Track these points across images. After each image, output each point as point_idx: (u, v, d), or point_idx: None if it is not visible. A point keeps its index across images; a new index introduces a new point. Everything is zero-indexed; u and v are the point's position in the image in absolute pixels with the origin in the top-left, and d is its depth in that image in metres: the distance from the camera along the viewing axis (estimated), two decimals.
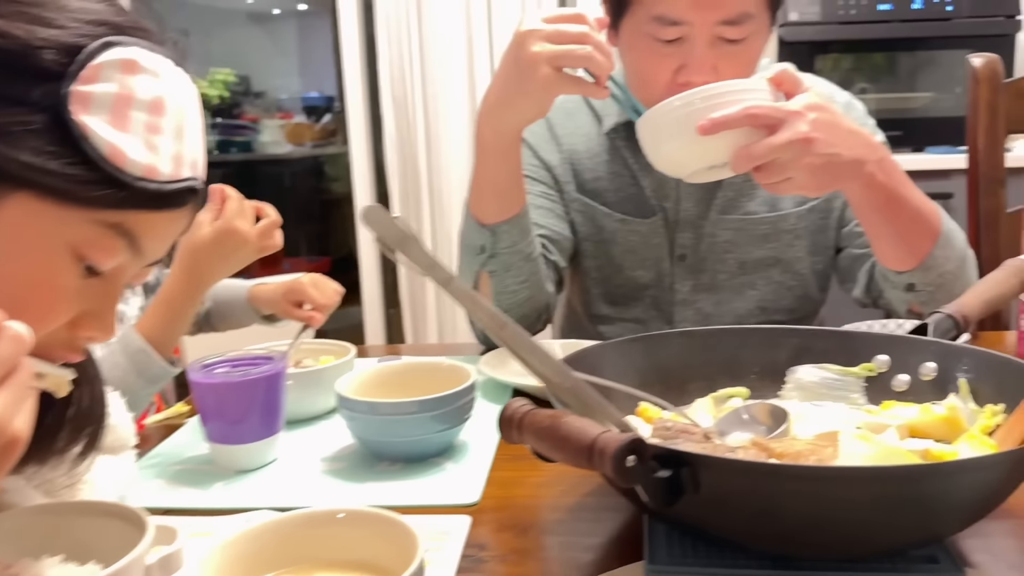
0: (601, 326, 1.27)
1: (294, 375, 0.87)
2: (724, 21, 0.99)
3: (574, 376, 0.53)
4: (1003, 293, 0.81)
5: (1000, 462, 0.52)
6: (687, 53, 1.01)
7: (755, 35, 1.02)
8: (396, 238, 0.47)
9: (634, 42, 1.05)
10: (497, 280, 1.09)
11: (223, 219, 0.90)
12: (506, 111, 0.98)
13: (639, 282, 1.22)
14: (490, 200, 1.07)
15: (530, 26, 0.92)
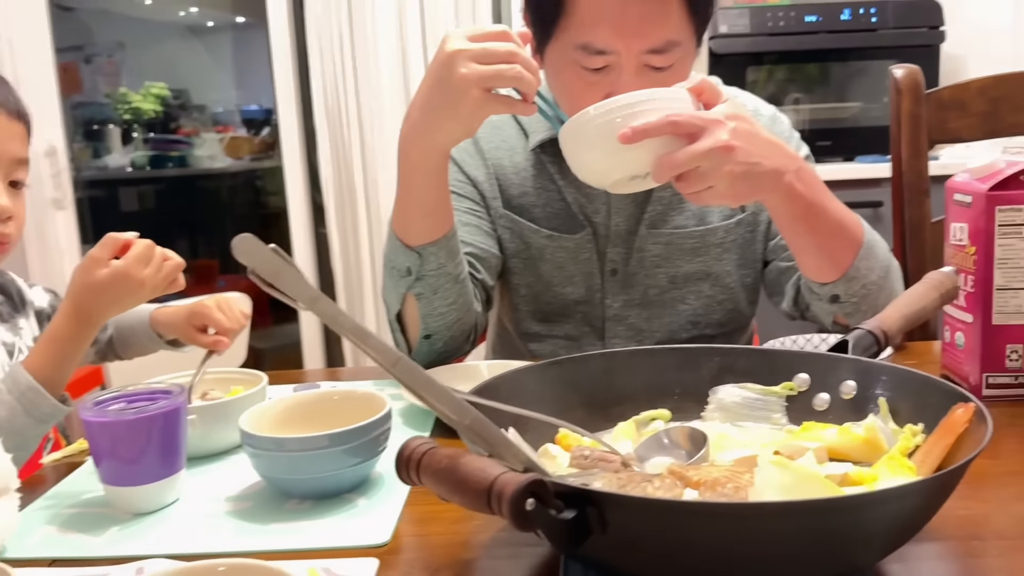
0: (532, 344, 1.24)
1: (198, 409, 0.83)
2: (650, 50, 0.99)
3: (474, 413, 0.50)
4: (924, 307, 0.81)
5: (917, 490, 0.51)
6: (614, 81, 1.00)
7: (682, 61, 1.02)
8: (272, 270, 0.43)
9: (560, 69, 1.04)
10: (424, 303, 1.05)
11: (123, 262, 0.86)
12: (434, 132, 0.95)
13: (569, 298, 1.20)
14: (417, 221, 1.03)
15: (456, 46, 0.89)
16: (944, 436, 0.59)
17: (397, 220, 1.05)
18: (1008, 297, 0.86)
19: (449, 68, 0.88)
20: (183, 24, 4.73)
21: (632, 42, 0.98)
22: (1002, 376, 0.87)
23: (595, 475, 0.63)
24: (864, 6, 2.40)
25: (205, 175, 4.37)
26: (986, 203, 0.85)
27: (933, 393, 0.64)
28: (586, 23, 0.99)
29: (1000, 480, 0.71)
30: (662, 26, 0.99)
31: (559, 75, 1.05)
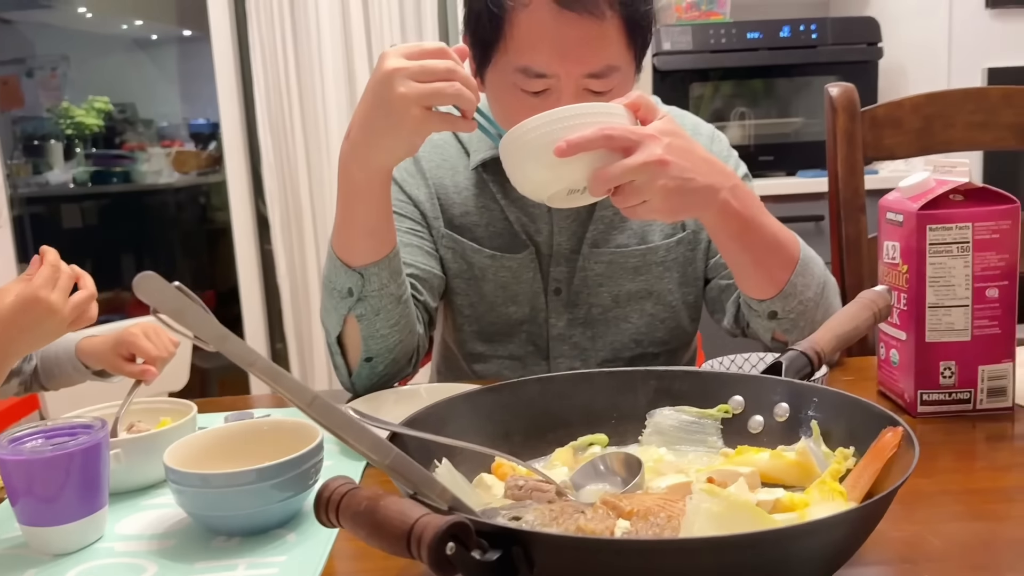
0: (476, 364, 1.23)
1: (122, 442, 0.80)
2: (590, 74, 0.99)
3: (394, 451, 0.48)
4: (857, 327, 0.81)
5: (845, 521, 0.50)
6: (554, 104, 0.98)
7: (621, 85, 1.03)
8: (176, 309, 0.41)
9: (500, 92, 1.04)
10: (366, 324, 1.03)
11: (29, 286, 0.82)
12: (375, 151, 0.93)
13: (513, 318, 1.19)
14: (359, 241, 1.01)
15: (394, 64, 0.87)
16: (874, 460, 0.60)
17: (338, 240, 1.02)
18: (940, 315, 0.87)
19: (388, 87, 0.87)
20: (128, 37, 4.64)
21: (571, 66, 0.99)
22: (936, 393, 0.89)
23: (528, 507, 0.61)
24: (804, 23, 2.45)
25: (150, 191, 4.29)
26: (917, 222, 0.86)
27: (863, 416, 0.64)
28: (525, 46, 0.99)
29: (933, 500, 0.71)
30: (601, 50, 0.99)
31: (499, 98, 1.05)
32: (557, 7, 0.98)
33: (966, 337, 0.87)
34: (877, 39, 2.48)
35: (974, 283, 0.86)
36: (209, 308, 1.00)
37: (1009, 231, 0.86)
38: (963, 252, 0.86)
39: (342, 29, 2.67)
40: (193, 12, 4.06)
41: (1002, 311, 0.87)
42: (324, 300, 1.07)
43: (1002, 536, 0.66)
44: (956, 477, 0.76)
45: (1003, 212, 0.86)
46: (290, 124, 2.71)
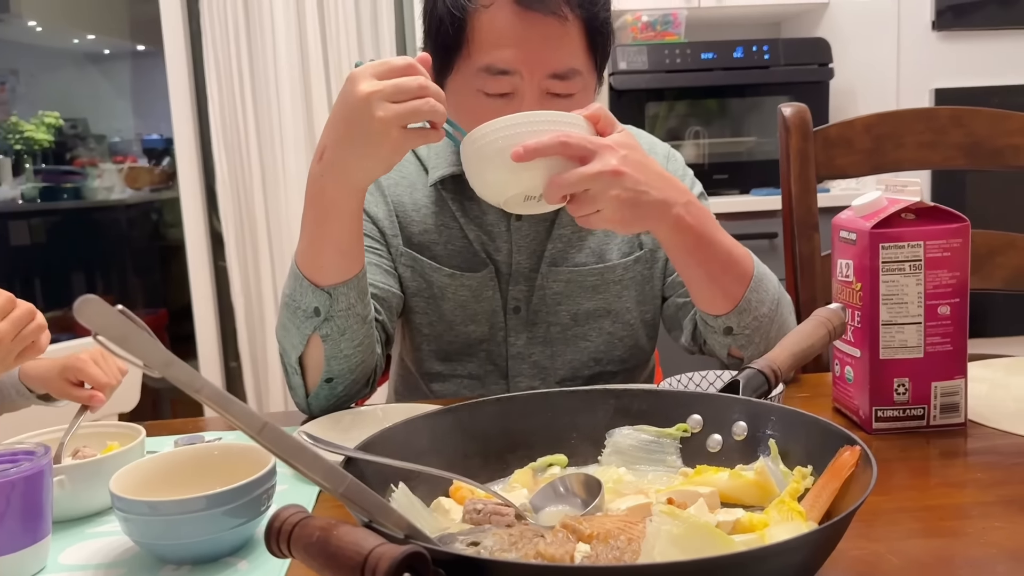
0: (435, 384, 1.22)
1: (67, 469, 0.77)
2: (553, 74, 1.01)
3: (348, 479, 0.47)
4: (812, 344, 0.82)
5: (804, 544, 0.50)
6: (517, 108, 1.00)
7: (583, 93, 1.04)
8: (120, 335, 0.40)
9: (463, 98, 1.05)
10: (331, 345, 1.01)
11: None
12: (352, 171, 0.92)
13: (472, 337, 1.18)
14: (330, 260, 0.99)
15: (368, 87, 0.86)
16: (832, 480, 0.60)
17: (305, 259, 1.00)
18: (894, 332, 0.88)
19: (365, 111, 0.86)
20: (79, 51, 4.56)
21: (534, 64, 1.00)
22: (890, 409, 0.89)
23: (487, 531, 0.60)
24: (756, 44, 2.49)
25: (101, 207, 4.21)
26: (870, 240, 0.87)
27: (820, 434, 0.64)
28: (487, 46, 1.01)
29: (891, 518, 0.72)
30: (562, 50, 1.01)
31: (462, 104, 1.06)
32: (519, 7, 0.99)
33: (919, 354, 0.88)
34: (828, 60, 2.54)
35: (926, 300, 0.88)
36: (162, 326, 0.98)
37: (960, 249, 0.87)
38: (915, 270, 0.87)
39: (298, 45, 2.65)
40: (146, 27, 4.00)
41: (954, 328, 0.89)
42: (285, 320, 1.04)
43: (959, 554, 0.66)
44: (912, 494, 0.77)
45: (954, 231, 0.87)
46: (245, 140, 2.68)
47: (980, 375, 1.06)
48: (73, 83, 4.52)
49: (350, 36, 2.66)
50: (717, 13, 2.79)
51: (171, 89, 2.77)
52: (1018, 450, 0.85)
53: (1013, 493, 0.74)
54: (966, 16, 2.42)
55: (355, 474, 0.59)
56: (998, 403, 0.97)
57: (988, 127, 1.36)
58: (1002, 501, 0.73)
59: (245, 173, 2.70)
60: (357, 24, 2.68)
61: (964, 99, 2.38)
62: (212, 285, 2.88)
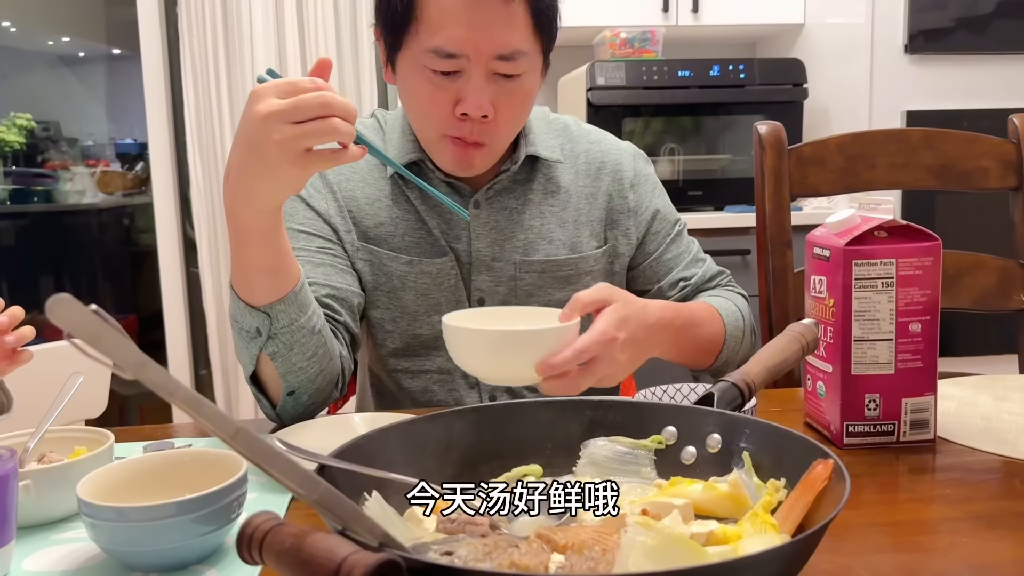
0: (405, 381, 1.21)
1: (32, 473, 0.76)
2: (499, 56, 1.03)
3: (323, 486, 0.47)
4: (786, 359, 0.83)
5: (777, 556, 0.51)
6: (463, 87, 1.04)
7: (529, 74, 1.08)
8: (92, 334, 0.39)
9: (411, 76, 1.07)
10: (281, 361, 1.00)
11: None
12: (258, 195, 0.88)
13: (438, 329, 1.18)
14: (259, 282, 0.96)
15: (265, 108, 0.81)
16: (805, 493, 0.60)
17: (237, 282, 0.97)
18: (865, 348, 0.89)
19: (262, 133, 0.82)
20: (53, 54, 4.51)
21: (482, 46, 1.02)
22: (861, 425, 0.90)
23: (460, 541, 0.60)
24: (732, 63, 2.52)
25: (73, 211, 4.15)
26: (843, 257, 0.88)
27: (794, 447, 0.64)
28: (435, 27, 1.02)
29: (861, 532, 0.72)
30: (509, 31, 1.03)
31: (410, 82, 1.08)
32: None
33: (890, 370, 0.90)
34: (802, 80, 2.58)
35: (898, 318, 0.89)
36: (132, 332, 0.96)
37: (931, 267, 0.89)
38: (887, 287, 0.88)
39: (276, 52, 2.64)
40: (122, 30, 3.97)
41: (924, 345, 0.90)
42: (235, 338, 1.03)
43: (927, 568, 0.67)
44: (881, 509, 0.77)
45: (926, 249, 0.89)
46: (220, 147, 2.66)
47: (949, 393, 1.08)
48: (46, 85, 4.46)
49: (329, 44, 2.66)
50: (695, 32, 2.82)
51: (147, 94, 2.75)
52: (985, 467, 0.86)
53: (980, 509, 0.75)
54: (937, 41, 2.47)
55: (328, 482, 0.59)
56: (967, 420, 0.98)
57: (958, 149, 1.38)
58: (969, 517, 0.74)
59: (220, 180, 2.68)
60: (336, 32, 2.67)
61: (935, 121, 2.41)
62: (184, 291, 2.85)
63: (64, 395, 0.89)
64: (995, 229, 1.43)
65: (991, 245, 1.43)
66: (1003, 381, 1.14)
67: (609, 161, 1.24)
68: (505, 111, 1.07)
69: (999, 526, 0.72)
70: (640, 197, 1.24)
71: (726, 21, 2.74)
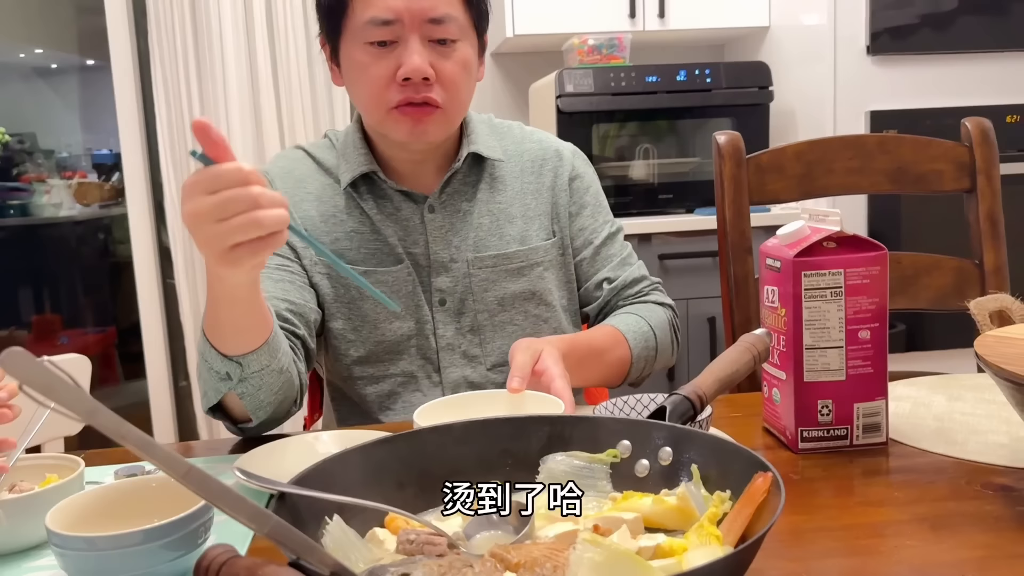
0: (368, 387, 1.23)
1: (4, 503, 0.77)
2: (430, 19, 1.11)
3: (273, 520, 0.49)
4: (738, 370, 0.85)
5: (715, 569, 0.53)
6: (401, 54, 1.12)
7: (462, 44, 1.15)
8: (45, 385, 0.41)
9: (353, 56, 1.14)
10: (249, 399, 1.01)
11: None
12: (228, 276, 0.87)
13: (399, 334, 1.21)
14: (232, 337, 0.96)
15: (192, 208, 0.78)
16: (746, 505, 0.63)
17: (211, 331, 0.96)
18: (816, 356, 0.92)
19: (195, 232, 0.80)
20: (26, 66, 4.48)
21: (412, 7, 1.10)
22: (815, 430, 0.93)
23: (418, 562, 0.62)
24: (699, 68, 2.55)
25: (49, 223, 4.13)
26: (793, 268, 0.91)
27: (737, 460, 0.67)
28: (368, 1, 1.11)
29: (811, 537, 0.75)
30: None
31: (352, 62, 1.15)
32: None
33: (841, 377, 0.92)
34: (768, 83, 2.61)
35: (847, 325, 0.92)
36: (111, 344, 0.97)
37: (878, 276, 0.92)
38: (836, 296, 0.91)
39: (247, 61, 2.65)
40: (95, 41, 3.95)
41: (874, 351, 0.93)
42: (200, 371, 1.02)
43: (873, 571, 0.69)
44: (833, 513, 0.80)
45: (872, 259, 0.92)
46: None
47: (904, 393, 1.11)
48: (20, 97, 4.44)
49: (300, 54, 2.67)
50: (662, 36, 2.85)
51: (119, 104, 2.75)
52: (935, 468, 0.89)
53: (926, 511, 0.78)
54: (899, 41, 2.51)
55: (290, 508, 0.61)
56: (919, 422, 1.01)
57: (913, 153, 1.42)
58: (915, 519, 0.77)
59: None
60: (307, 42, 2.68)
61: (898, 121, 2.46)
62: (161, 303, 2.86)
63: (33, 425, 0.91)
64: (958, 230, 1.46)
65: (955, 245, 1.47)
66: (959, 380, 1.17)
67: (550, 158, 1.31)
68: (446, 73, 1.13)
69: (943, 528, 0.75)
70: (574, 193, 1.31)
71: (692, 25, 2.77)
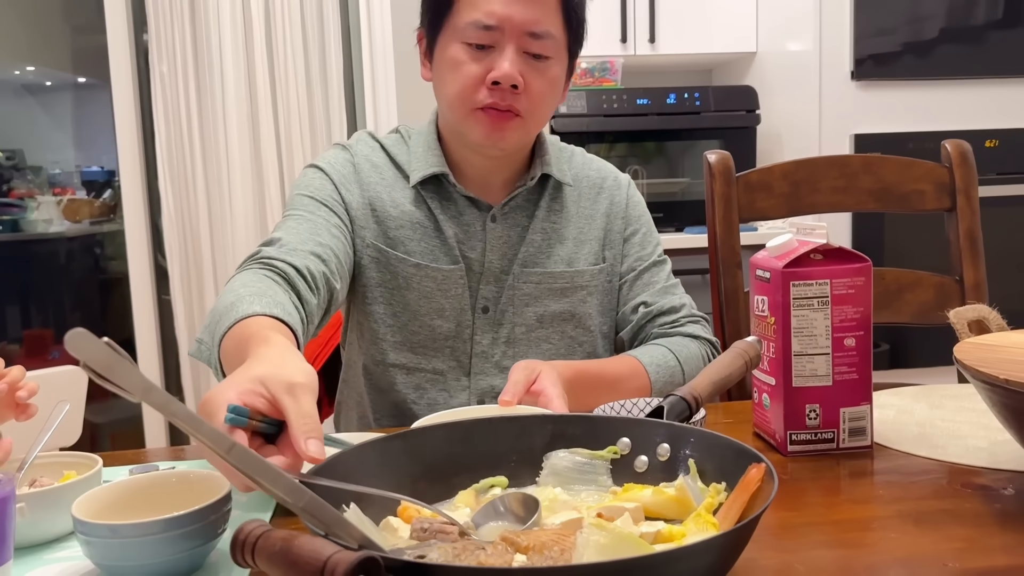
0: (399, 375, 1.26)
1: (27, 496, 0.80)
2: (530, 32, 1.15)
3: (308, 494, 0.52)
4: (730, 374, 0.90)
5: (713, 546, 0.57)
6: (495, 60, 1.15)
7: (555, 61, 1.19)
8: (105, 363, 0.45)
9: (450, 52, 1.18)
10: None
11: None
12: None
13: (438, 332, 1.24)
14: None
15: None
16: (741, 494, 0.67)
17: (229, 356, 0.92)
18: (804, 362, 0.96)
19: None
20: (18, 83, 4.51)
21: (516, 20, 1.14)
22: (803, 433, 0.97)
23: (432, 546, 0.66)
24: (688, 91, 2.62)
25: (39, 239, 4.14)
26: (782, 279, 0.95)
27: (732, 454, 0.71)
28: (475, 3, 1.15)
29: (800, 531, 0.79)
30: (542, 12, 1.16)
31: (447, 59, 1.18)
32: None
33: (828, 382, 0.97)
34: (755, 107, 2.68)
35: (833, 333, 0.96)
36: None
37: (863, 287, 0.96)
38: (823, 306, 0.96)
39: (245, 73, 2.69)
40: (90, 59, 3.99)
41: (859, 358, 0.97)
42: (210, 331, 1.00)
43: (858, 562, 0.73)
44: (820, 510, 0.84)
45: (857, 270, 0.96)
46: (191, 174, 2.70)
47: (888, 402, 1.15)
48: (11, 114, 4.46)
49: (299, 75, 2.71)
50: (652, 61, 2.92)
51: (118, 122, 2.78)
52: (917, 469, 0.93)
53: (908, 508, 0.82)
54: (883, 67, 2.59)
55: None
56: (903, 427, 1.05)
57: (895, 174, 1.47)
58: (899, 515, 0.81)
59: (191, 205, 2.72)
60: (306, 64, 2.73)
61: (882, 145, 2.53)
62: (155, 319, 2.88)
63: (51, 422, 0.94)
64: (939, 248, 1.52)
65: (936, 262, 1.52)
66: (940, 390, 1.21)
67: (608, 187, 1.35)
68: (534, 87, 1.17)
69: (925, 522, 0.79)
70: (629, 222, 1.35)
71: (682, 51, 2.85)
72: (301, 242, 1.12)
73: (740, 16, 2.87)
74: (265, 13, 2.68)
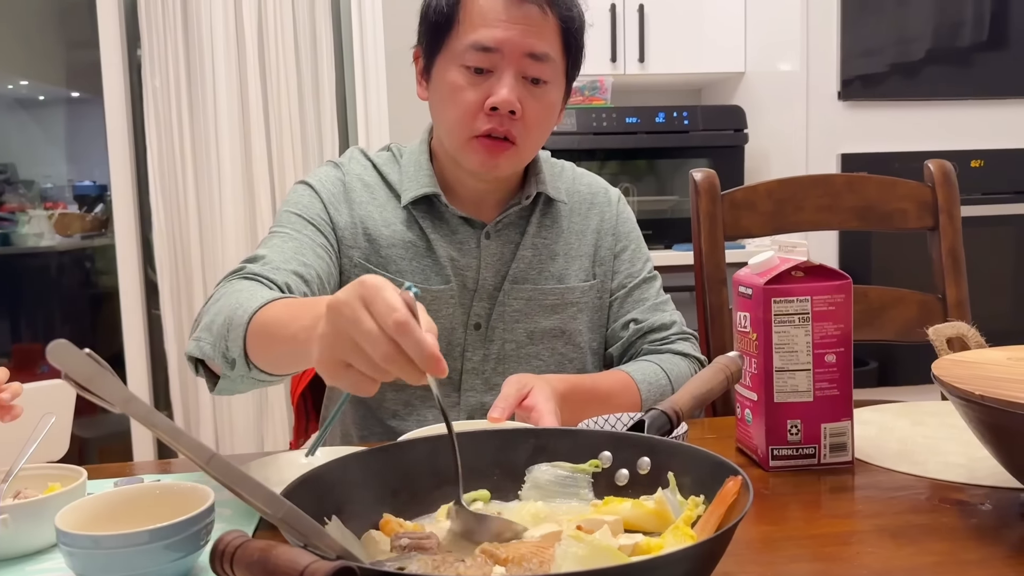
0: (388, 392, 1.26)
1: (10, 508, 0.80)
2: (530, 54, 1.14)
3: (287, 505, 0.53)
4: (711, 388, 0.91)
5: (688, 556, 0.58)
6: (493, 85, 1.15)
7: (553, 86, 1.19)
8: (86, 374, 0.45)
9: (448, 76, 1.17)
10: (228, 386, 1.03)
11: None
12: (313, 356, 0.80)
13: None
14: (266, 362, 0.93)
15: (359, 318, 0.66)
16: (719, 507, 0.67)
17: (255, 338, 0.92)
18: (786, 378, 0.98)
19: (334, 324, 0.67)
20: (11, 97, 4.52)
21: (516, 40, 1.14)
22: (785, 448, 0.98)
23: (412, 558, 0.66)
24: (677, 110, 2.65)
25: (30, 253, 4.13)
26: (764, 295, 0.97)
27: (710, 467, 0.72)
28: (475, 24, 1.14)
29: (780, 545, 0.80)
30: (541, 34, 1.15)
31: (445, 82, 1.17)
32: None
33: (809, 398, 0.98)
34: (743, 126, 2.71)
35: (814, 350, 0.97)
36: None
37: (843, 304, 0.98)
38: (804, 322, 0.97)
39: (238, 88, 2.70)
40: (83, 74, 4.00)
41: (840, 375, 0.98)
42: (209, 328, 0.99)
43: (837, 574, 0.74)
44: (800, 524, 0.85)
45: (837, 287, 0.98)
46: (182, 190, 2.71)
47: (870, 419, 1.17)
48: (4, 128, 4.47)
49: (291, 91, 2.73)
50: (641, 80, 2.95)
51: (110, 137, 2.78)
52: (896, 485, 0.94)
53: (886, 523, 0.83)
54: (869, 88, 2.62)
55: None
56: (883, 444, 1.06)
57: (879, 193, 1.49)
58: (876, 530, 0.82)
59: (182, 220, 2.72)
60: (298, 80, 2.75)
61: (868, 164, 2.55)
62: (145, 334, 2.87)
63: (37, 434, 0.94)
64: (926, 265, 1.53)
65: (923, 281, 1.54)
66: (922, 407, 1.22)
67: (598, 203, 1.35)
68: (531, 113, 1.17)
69: (902, 536, 0.80)
70: (619, 238, 1.35)
71: (671, 70, 2.87)
72: (284, 261, 1.12)
73: (729, 36, 2.90)
74: (258, 29, 2.70)
